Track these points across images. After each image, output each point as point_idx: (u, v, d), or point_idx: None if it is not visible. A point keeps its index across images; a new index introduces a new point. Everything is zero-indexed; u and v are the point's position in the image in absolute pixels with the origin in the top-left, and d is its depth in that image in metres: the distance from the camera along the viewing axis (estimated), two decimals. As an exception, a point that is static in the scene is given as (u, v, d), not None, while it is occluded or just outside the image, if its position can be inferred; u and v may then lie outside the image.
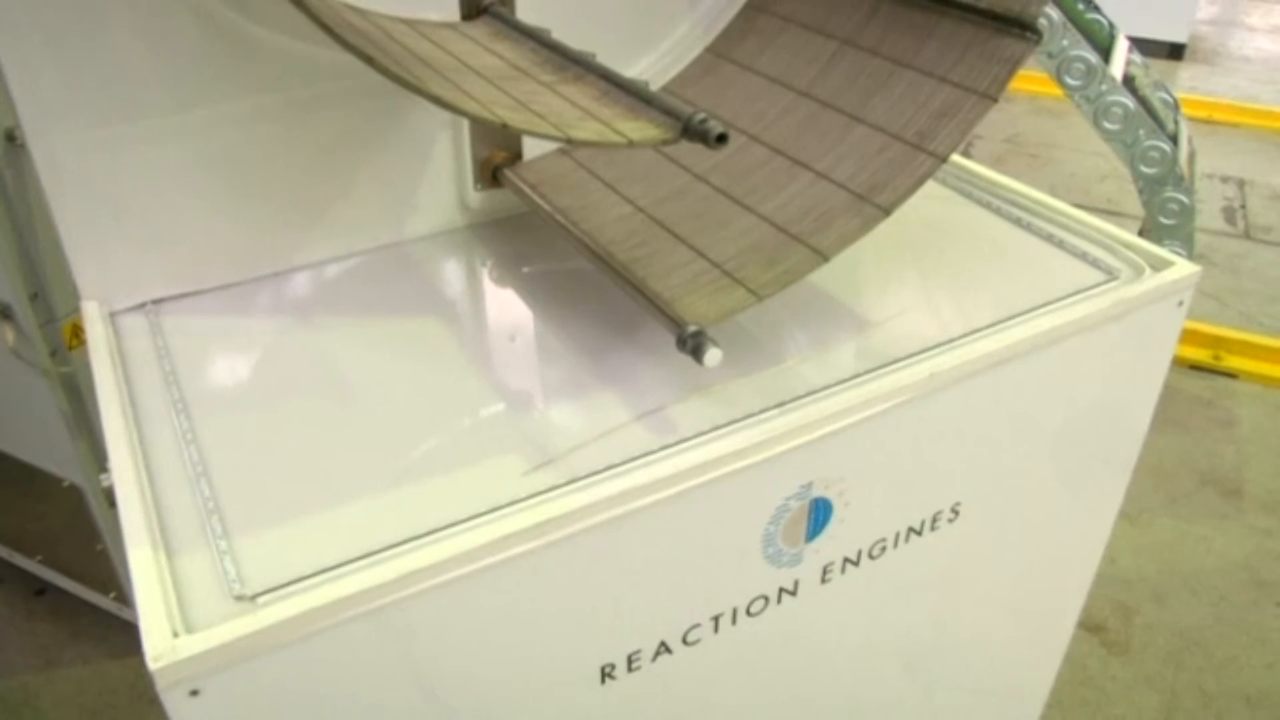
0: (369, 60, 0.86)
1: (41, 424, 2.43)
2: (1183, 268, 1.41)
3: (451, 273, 1.44)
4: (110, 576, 2.76)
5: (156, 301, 1.34)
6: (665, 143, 0.97)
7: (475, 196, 1.48)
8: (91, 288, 1.30)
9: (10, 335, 2.29)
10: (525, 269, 1.43)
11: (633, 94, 1.05)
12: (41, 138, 1.18)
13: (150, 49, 1.19)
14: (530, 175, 1.40)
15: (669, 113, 0.99)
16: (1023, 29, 1.24)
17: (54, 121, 1.17)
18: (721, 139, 0.94)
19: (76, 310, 2.24)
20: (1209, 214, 4.94)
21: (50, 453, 2.51)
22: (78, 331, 2.36)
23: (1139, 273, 1.40)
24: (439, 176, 1.45)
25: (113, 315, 1.31)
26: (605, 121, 0.99)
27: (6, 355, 2.31)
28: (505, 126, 0.93)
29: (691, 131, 0.96)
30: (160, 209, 1.28)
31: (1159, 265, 1.41)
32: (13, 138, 2.10)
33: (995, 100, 1.23)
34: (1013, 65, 1.23)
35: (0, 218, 2.10)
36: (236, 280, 1.38)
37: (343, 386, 1.18)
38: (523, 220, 1.52)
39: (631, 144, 0.96)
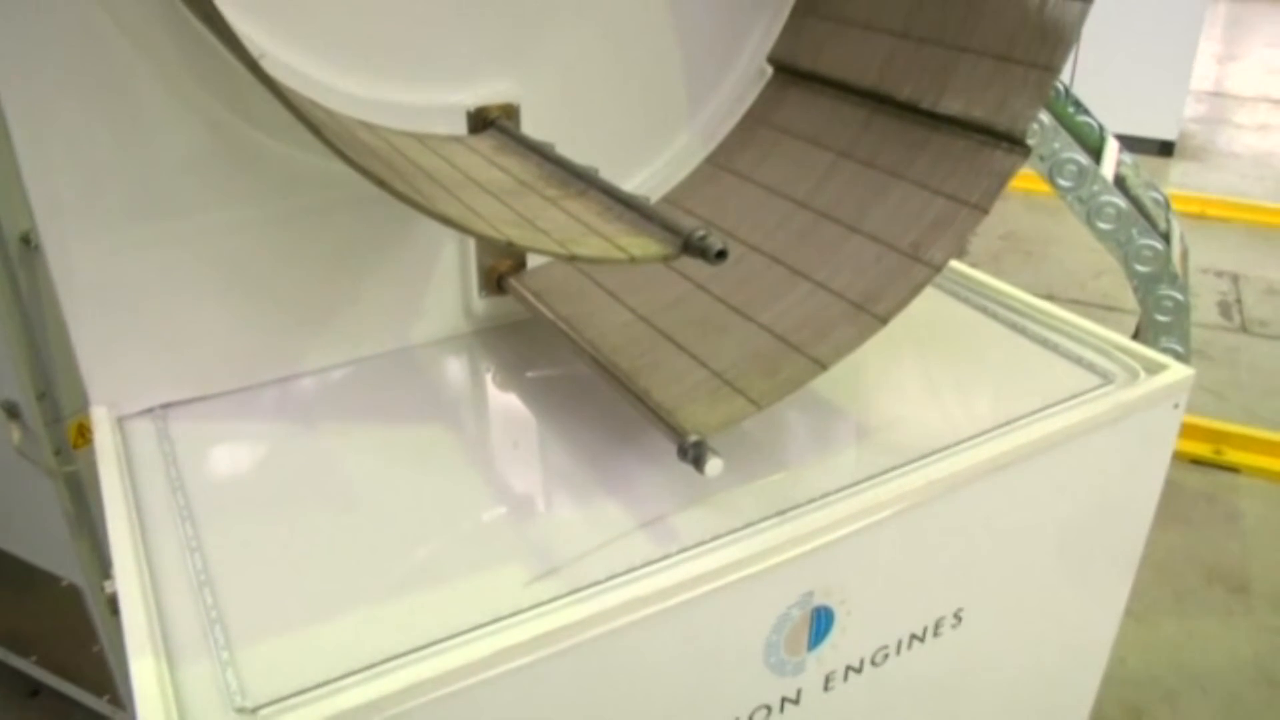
0: (380, 183, 0.90)
1: (42, 522, 2.43)
2: (1177, 371, 1.43)
3: (456, 378, 1.46)
4: (106, 679, 2.72)
5: (165, 406, 1.35)
6: (666, 259, 1.00)
7: (480, 303, 1.51)
8: (101, 392, 1.32)
9: (16, 434, 2.30)
10: (529, 374, 1.45)
11: (635, 210, 1.09)
12: (56, 239, 1.21)
13: (164, 154, 1.23)
14: (534, 283, 1.43)
15: (670, 229, 1.03)
16: (1012, 144, 1.28)
17: (68, 223, 1.20)
18: (721, 255, 0.97)
19: (82, 409, 2.26)
20: (1205, 308, 4.99)
21: (50, 551, 2.50)
22: (83, 430, 2.37)
23: (1134, 376, 1.42)
24: (445, 283, 1.48)
25: (121, 420, 1.32)
26: (608, 237, 1.03)
27: (9, 453, 2.32)
28: (511, 245, 0.96)
29: (692, 248, 0.98)
30: (170, 313, 1.31)
31: (1153, 369, 1.43)
32: (28, 240, 2.14)
33: (987, 212, 1.27)
34: (1003, 178, 1.27)
35: (13, 319, 2.13)
36: (244, 385, 1.40)
37: (347, 493, 1.19)
38: (526, 326, 1.55)
39: (633, 260, 0.99)
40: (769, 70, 1.58)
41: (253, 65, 0.86)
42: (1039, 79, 1.26)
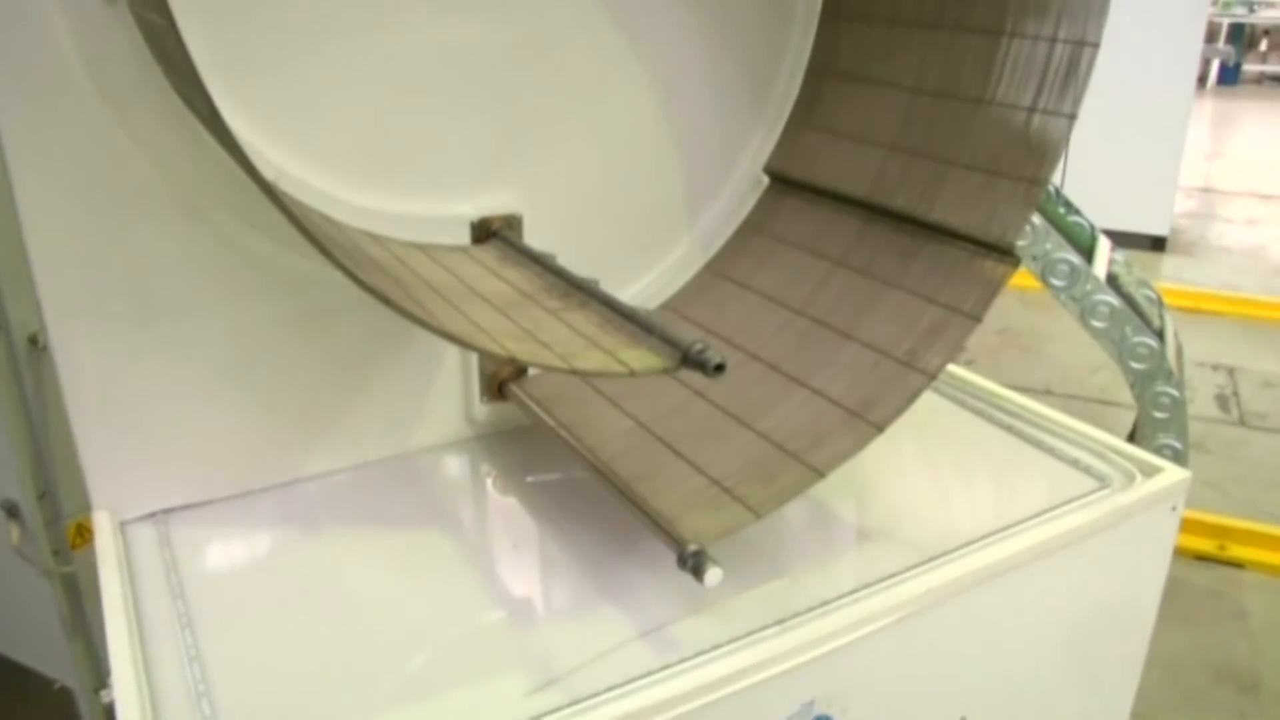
0: (387, 301, 0.92)
1: (37, 623, 2.40)
2: (1173, 474, 1.44)
3: (456, 484, 1.47)
4: (95, 783, 2.67)
5: (166, 511, 1.36)
6: (665, 371, 1.02)
7: (482, 409, 1.53)
8: (104, 497, 1.32)
9: (15, 534, 2.30)
10: (529, 479, 1.46)
11: (634, 322, 1.11)
12: (64, 341, 1.24)
13: (173, 260, 1.26)
14: (535, 389, 1.45)
15: (669, 342, 1.05)
16: (1002, 254, 1.31)
17: (77, 325, 1.23)
18: (719, 369, 0.99)
19: (82, 509, 2.26)
20: (1202, 401, 5.01)
21: (44, 653, 2.47)
22: (82, 530, 2.36)
23: (1130, 479, 1.43)
24: (446, 389, 1.50)
25: (123, 525, 1.33)
26: (608, 350, 1.05)
27: (6, 552, 2.31)
28: (514, 359, 0.98)
29: (690, 361, 1.01)
30: (175, 417, 1.33)
31: (1149, 471, 1.44)
32: (35, 341, 2.17)
33: (979, 321, 1.29)
34: (995, 288, 1.30)
35: (18, 420, 2.15)
36: (246, 490, 1.41)
37: (347, 601, 1.19)
38: (528, 431, 1.57)
39: (633, 374, 1.01)
40: (765, 180, 1.62)
41: (267, 189, 0.89)
42: (1026, 192, 1.30)
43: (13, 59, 1.12)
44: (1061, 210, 3.03)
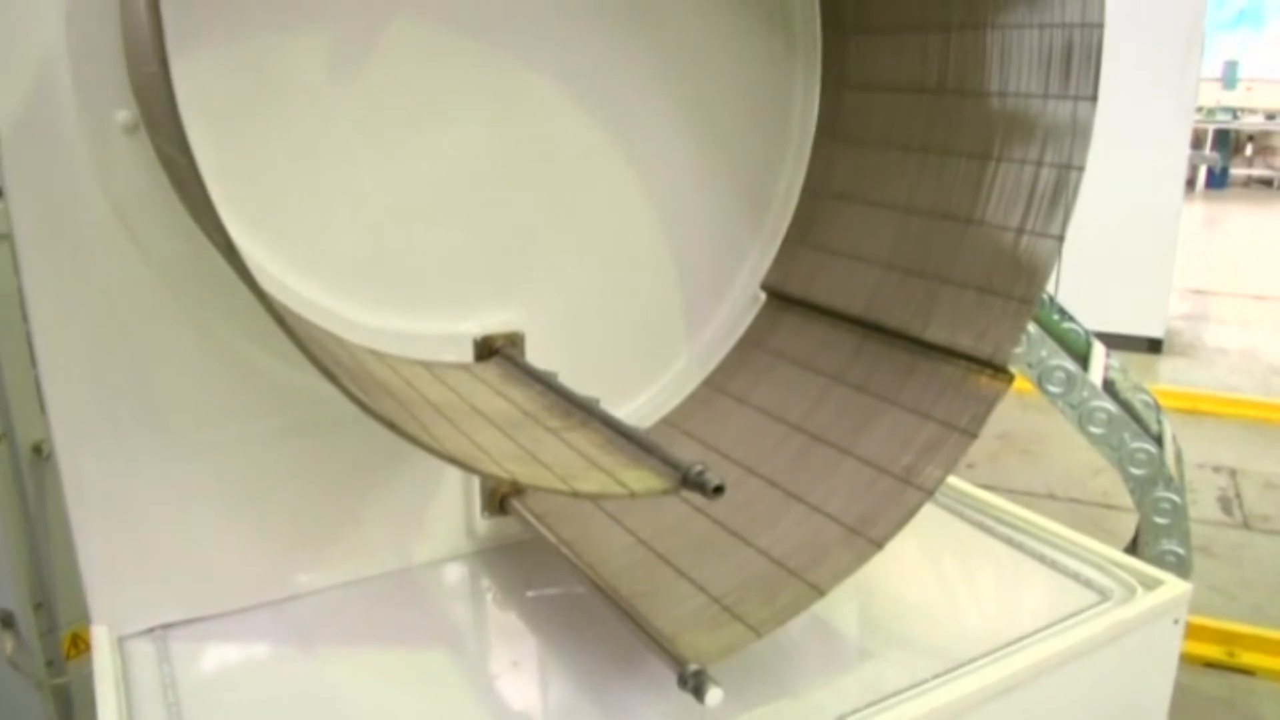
0: (392, 426, 0.94)
1: (28, 736, 2.37)
2: (1174, 586, 1.44)
3: (456, 599, 1.46)
4: None
5: (165, 626, 1.36)
6: (665, 493, 1.04)
7: (483, 523, 1.54)
8: (103, 611, 1.32)
9: (10, 644, 2.28)
10: (529, 594, 1.46)
11: (635, 442, 1.13)
12: (70, 450, 1.25)
13: (179, 373, 1.28)
14: (536, 505, 1.46)
15: (669, 463, 1.06)
16: (996, 371, 1.34)
17: (83, 435, 1.25)
18: (719, 490, 1.01)
19: (78, 619, 2.24)
20: (1205, 504, 4.99)
21: (33, 767, 2.42)
22: (77, 640, 2.34)
23: (1131, 592, 1.43)
24: (448, 504, 1.51)
25: (121, 640, 1.32)
26: (608, 471, 1.06)
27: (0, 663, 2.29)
28: (515, 482, 1.00)
29: (690, 483, 1.02)
30: (176, 531, 1.33)
31: (1150, 584, 1.44)
32: (39, 450, 2.19)
33: (976, 437, 1.31)
34: (990, 404, 1.32)
35: (18, 530, 2.15)
36: (246, 605, 1.40)
37: (345, 723, 1.19)
38: (529, 546, 1.57)
39: (633, 495, 1.02)
40: (763, 296, 1.66)
41: (279, 318, 0.92)
42: (1017, 311, 1.33)
43: (34, 181, 1.17)
44: (1056, 317, 3.07)
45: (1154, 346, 6.89)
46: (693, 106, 1.55)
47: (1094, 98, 1.32)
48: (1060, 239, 1.33)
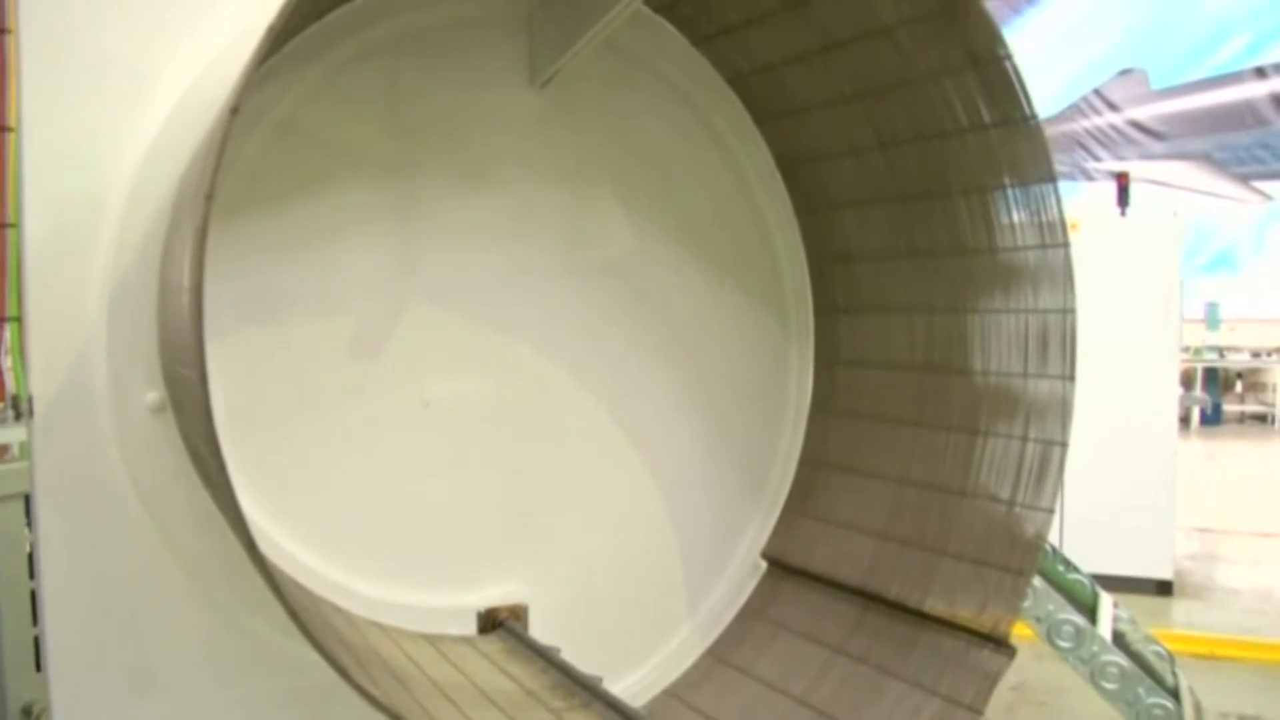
0: (398, 718, 0.95)
1: None
2: None
3: None
4: None
5: None
6: (668, 785, 1.03)
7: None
8: None
9: None
10: None
11: (637, 727, 1.13)
12: (66, 708, 1.24)
13: (180, 640, 1.29)
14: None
15: (672, 751, 1.06)
16: (997, 644, 1.34)
17: (80, 692, 1.24)
18: (722, 783, 1.00)
19: None
20: (1232, 757, 4.77)
21: None
22: None
23: None
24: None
25: None
26: (612, 760, 1.06)
27: None
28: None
29: (693, 774, 1.01)
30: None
31: None
32: (29, 712, 2.14)
33: (982, 713, 1.30)
34: (993, 679, 1.32)
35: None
36: None
37: None
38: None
39: (636, 788, 1.01)
40: (764, 565, 1.68)
41: (293, 614, 0.94)
42: (1014, 584, 1.36)
43: (60, 451, 1.22)
44: (1060, 568, 3.06)
45: (1164, 589, 6.78)
46: (693, 383, 1.63)
47: (1072, 377, 1.39)
48: (1050, 512, 1.37)
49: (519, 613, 1.47)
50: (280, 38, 1.02)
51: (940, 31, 1.34)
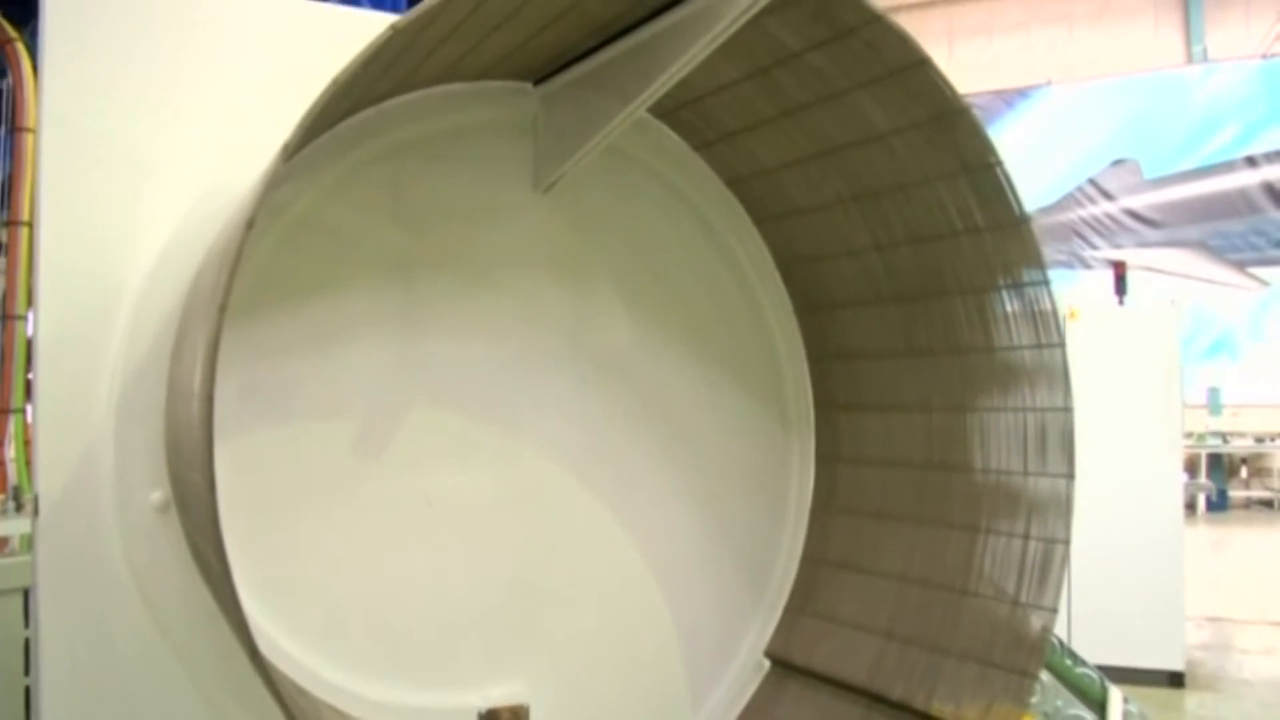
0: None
1: None
2: None
3: None
4: None
5: None
6: None
7: None
8: None
9: None
10: None
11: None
12: None
13: None
14: None
15: None
16: (1004, 748, 1.33)
17: None
18: None
19: None
20: None
21: None
22: None
23: None
24: None
25: None
26: None
27: None
28: None
29: None
30: None
31: None
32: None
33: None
34: (1001, 782, 1.30)
35: None
36: None
37: None
38: None
39: None
40: (767, 664, 1.66)
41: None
42: (1019, 685, 1.35)
43: (63, 547, 1.23)
44: (1069, 662, 3.02)
45: (1175, 680, 6.66)
46: (694, 480, 1.64)
47: (1072, 475, 1.40)
48: (1053, 611, 1.36)
49: (520, 713, 1.46)
50: (294, 153, 1.06)
51: (933, 140, 1.39)
